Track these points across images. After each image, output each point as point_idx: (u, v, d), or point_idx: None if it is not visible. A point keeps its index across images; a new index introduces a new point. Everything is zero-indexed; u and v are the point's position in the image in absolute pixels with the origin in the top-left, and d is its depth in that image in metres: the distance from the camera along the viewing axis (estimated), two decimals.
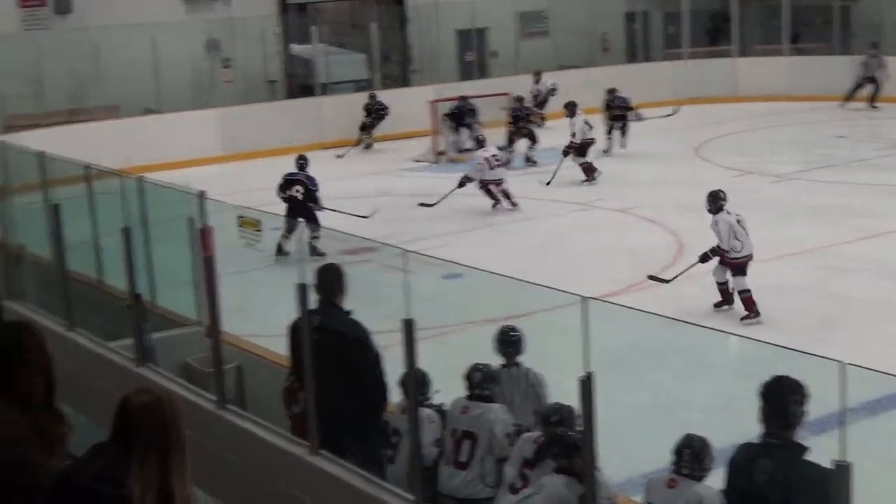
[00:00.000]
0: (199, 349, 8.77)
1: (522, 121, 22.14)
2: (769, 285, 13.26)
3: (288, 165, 17.34)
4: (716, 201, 12.88)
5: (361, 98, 25.73)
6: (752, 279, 12.99)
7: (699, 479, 5.73)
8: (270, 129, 23.98)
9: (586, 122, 20.22)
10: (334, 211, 15.54)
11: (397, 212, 17.90)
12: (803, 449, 4.96)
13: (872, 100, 26.67)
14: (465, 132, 22.79)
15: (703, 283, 13.63)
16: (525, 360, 9.93)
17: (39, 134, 19.96)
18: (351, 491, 6.45)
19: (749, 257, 12.55)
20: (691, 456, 5.74)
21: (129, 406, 4.03)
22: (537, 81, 26.11)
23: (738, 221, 12.69)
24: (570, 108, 20.46)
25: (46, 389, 4.29)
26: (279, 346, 8.98)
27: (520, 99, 23.01)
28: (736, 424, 6.23)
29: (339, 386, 6.84)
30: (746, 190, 18.82)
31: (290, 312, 6.91)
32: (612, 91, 23.05)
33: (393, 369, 6.97)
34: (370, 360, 6.99)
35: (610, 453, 5.76)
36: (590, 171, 19.79)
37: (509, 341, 7.75)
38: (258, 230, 7.86)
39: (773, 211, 17.21)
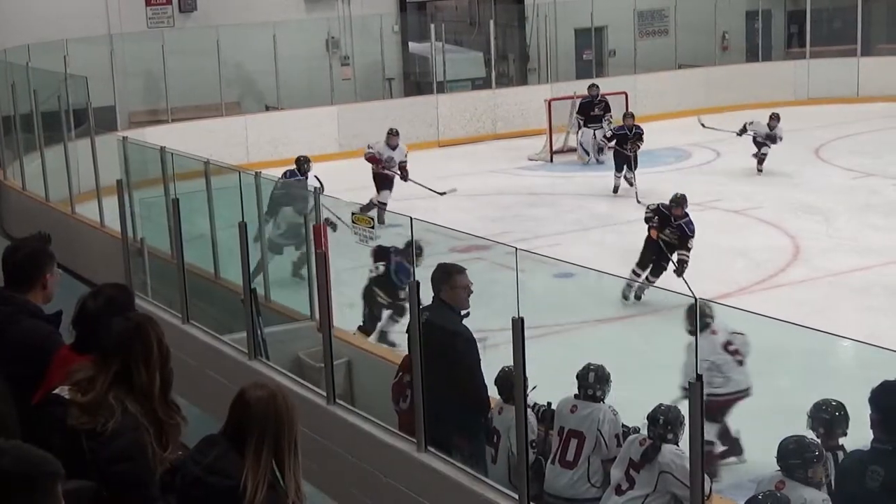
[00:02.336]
0: (311, 344, 8.86)
1: (630, 142, 19.19)
2: (888, 289, 13.01)
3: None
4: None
5: (478, 96, 25.80)
6: (873, 283, 12.72)
7: (816, 485, 5.67)
8: (387, 126, 24.07)
9: None
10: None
11: (511, 210, 17.90)
12: None
13: None
14: (588, 132, 22.09)
15: (822, 283, 13.45)
16: (639, 363, 9.89)
17: (161, 130, 20.38)
18: (457, 488, 6.48)
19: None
20: (796, 458, 5.71)
21: (245, 400, 4.09)
22: (773, 128, 20.39)
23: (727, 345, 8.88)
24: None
25: (163, 382, 4.37)
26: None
27: (628, 116, 19.90)
28: (855, 431, 6.13)
29: (447, 383, 6.86)
30: (865, 191, 18.53)
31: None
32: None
33: (494, 368, 7.01)
34: (478, 358, 6.99)
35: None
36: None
37: (825, 419, 6.55)
38: (372, 227, 7.91)
39: (891, 213, 16.88)
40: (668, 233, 13.15)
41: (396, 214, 8.93)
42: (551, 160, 22.55)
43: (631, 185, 18.81)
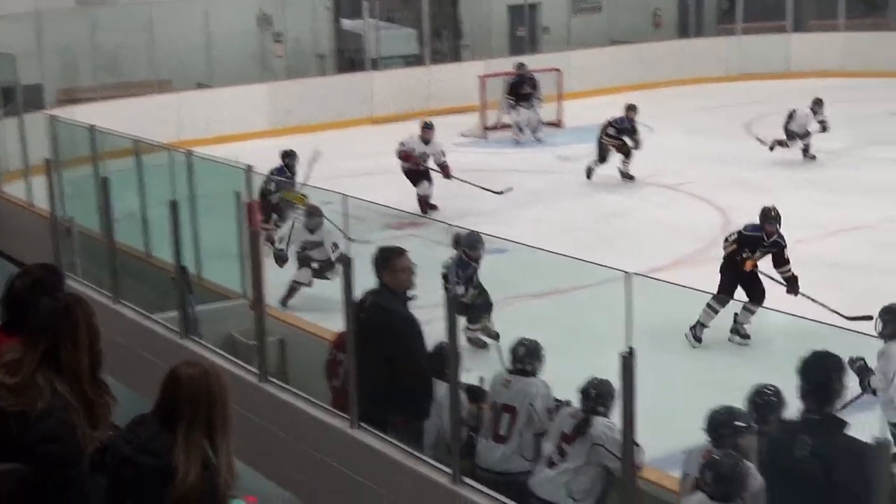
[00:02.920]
0: (243, 322, 8.83)
1: (626, 134, 18.09)
2: (820, 262, 13.17)
3: (338, 141, 17.40)
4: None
5: (412, 73, 25.74)
6: (803, 255, 12.85)
7: (745, 455, 5.75)
8: (320, 103, 24.03)
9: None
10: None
11: (445, 187, 17.88)
12: (843, 424, 4.93)
13: None
14: (524, 111, 22.12)
15: None
16: (569, 336, 9.95)
17: (91, 108, 20.15)
18: (391, 464, 6.50)
19: None
20: (727, 428, 5.82)
21: (177, 378, 4.07)
22: (817, 113, 18.86)
23: None
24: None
25: (92, 361, 4.34)
26: (322, 320, 9.04)
27: (632, 108, 18.37)
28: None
29: (386, 363, 6.84)
30: (799, 166, 18.74)
31: (336, 287, 6.95)
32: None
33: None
34: (416, 336, 6.98)
35: (652, 430, 5.77)
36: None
37: (759, 404, 6.31)
38: (305, 205, 7.89)
39: (824, 187, 17.09)
40: (758, 255, 11.34)
41: (330, 192, 8.87)
42: (485, 137, 22.56)
43: (625, 176, 18.07)
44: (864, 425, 4.40)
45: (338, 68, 26.80)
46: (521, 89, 22.05)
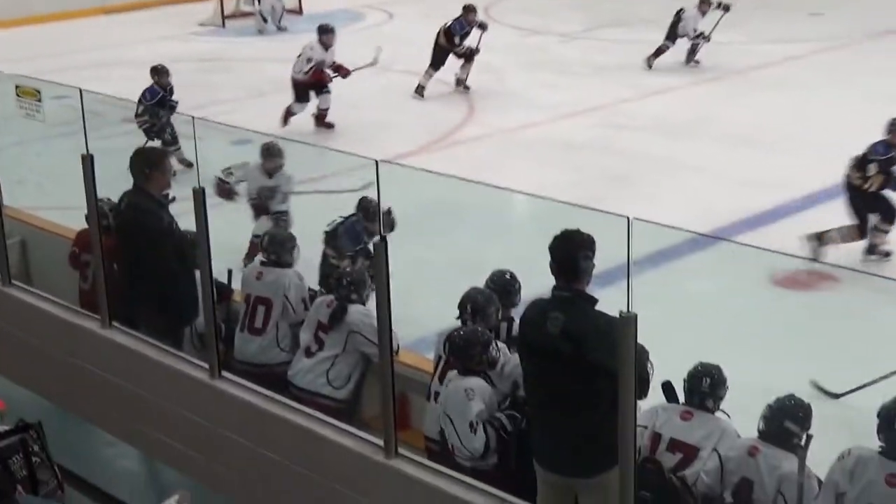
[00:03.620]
0: None
1: (466, 38, 16.80)
2: (557, 143, 13.53)
3: (70, 31, 16.70)
4: None
5: None
6: (536, 137, 13.12)
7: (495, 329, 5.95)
8: None
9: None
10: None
11: (184, 77, 17.45)
12: (593, 300, 5.09)
13: None
14: (266, 0, 21.97)
15: (494, 140, 13.86)
16: (321, 225, 9.92)
17: None
18: (147, 362, 6.41)
19: None
20: (489, 307, 6.02)
21: None
22: (705, 13, 17.91)
23: None
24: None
25: None
26: (64, 219, 8.78)
27: (471, 9, 17.09)
28: (533, 281, 6.38)
29: (147, 264, 6.71)
30: (534, 49, 19.09)
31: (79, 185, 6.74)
32: None
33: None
34: (179, 237, 6.86)
35: (405, 313, 5.86)
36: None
37: (496, 290, 6.42)
38: (38, 100, 7.59)
39: (559, 70, 17.47)
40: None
41: (65, 87, 8.56)
42: (223, 26, 22.13)
43: (462, 84, 16.86)
44: (613, 302, 4.54)
45: None
46: None
